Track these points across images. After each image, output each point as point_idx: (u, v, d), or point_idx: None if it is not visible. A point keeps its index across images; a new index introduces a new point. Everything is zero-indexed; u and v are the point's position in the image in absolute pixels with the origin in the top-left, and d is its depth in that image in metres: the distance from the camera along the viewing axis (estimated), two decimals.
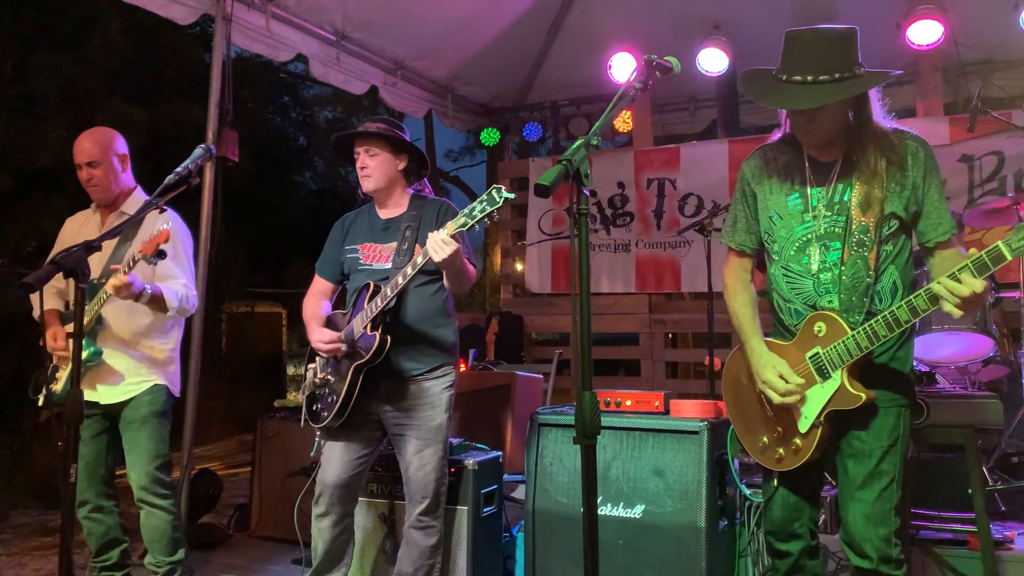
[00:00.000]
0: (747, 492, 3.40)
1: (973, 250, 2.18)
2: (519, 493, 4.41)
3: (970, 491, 3.23)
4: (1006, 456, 4.25)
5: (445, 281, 3.16)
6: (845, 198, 2.47)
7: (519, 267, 8.44)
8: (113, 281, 3.12)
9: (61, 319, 3.58)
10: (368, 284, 3.18)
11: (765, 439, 2.62)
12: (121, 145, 3.62)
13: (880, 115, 2.49)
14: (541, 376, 5.78)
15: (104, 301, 3.31)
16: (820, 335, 2.46)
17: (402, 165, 3.34)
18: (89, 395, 3.32)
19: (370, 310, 3.10)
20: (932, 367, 4.14)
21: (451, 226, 2.82)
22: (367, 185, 3.31)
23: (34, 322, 3.58)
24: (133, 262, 3.13)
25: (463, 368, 6.07)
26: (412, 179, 3.42)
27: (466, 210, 2.82)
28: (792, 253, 2.56)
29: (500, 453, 3.85)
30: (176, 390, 3.65)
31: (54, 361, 3.53)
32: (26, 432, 7.02)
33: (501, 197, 2.71)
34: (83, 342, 3.31)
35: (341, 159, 3.53)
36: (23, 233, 8.17)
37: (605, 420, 2.46)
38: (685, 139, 7.87)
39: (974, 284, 2.13)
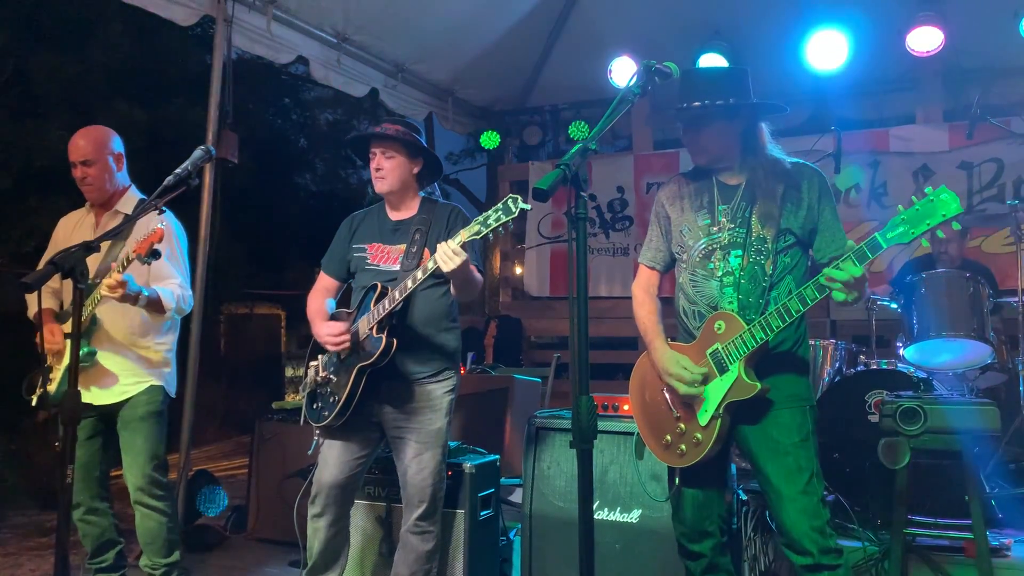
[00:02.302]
0: (658, 499, 3.39)
1: (851, 242, 2.51)
2: (516, 497, 4.41)
3: (967, 498, 3.23)
4: (1004, 463, 4.25)
5: (452, 288, 3.16)
6: (747, 213, 2.74)
7: (518, 270, 8.44)
8: (107, 280, 3.11)
9: (56, 319, 3.58)
10: (375, 285, 3.16)
11: (668, 437, 2.78)
12: (116, 144, 3.60)
13: (775, 148, 2.80)
14: (539, 380, 5.78)
15: (98, 301, 3.30)
16: (719, 332, 2.67)
17: (417, 169, 3.33)
18: (84, 396, 3.31)
19: (376, 312, 3.08)
20: (930, 373, 4.14)
21: (464, 234, 2.81)
22: (380, 187, 3.30)
23: (30, 322, 3.58)
24: (127, 262, 3.12)
25: (462, 371, 6.06)
26: (424, 183, 3.42)
27: (480, 218, 2.80)
28: (699, 260, 2.80)
29: (498, 456, 3.85)
30: (172, 391, 3.64)
31: (48, 361, 3.52)
32: (23, 432, 7.01)
33: (517, 208, 2.70)
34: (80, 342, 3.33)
35: (353, 156, 3.53)
36: (22, 233, 8.16)
37: (603, 424, 2.47)
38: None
39: (852, 270, 2.38)
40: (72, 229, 3.63)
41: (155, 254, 3.01)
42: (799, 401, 2.70)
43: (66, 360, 3.40)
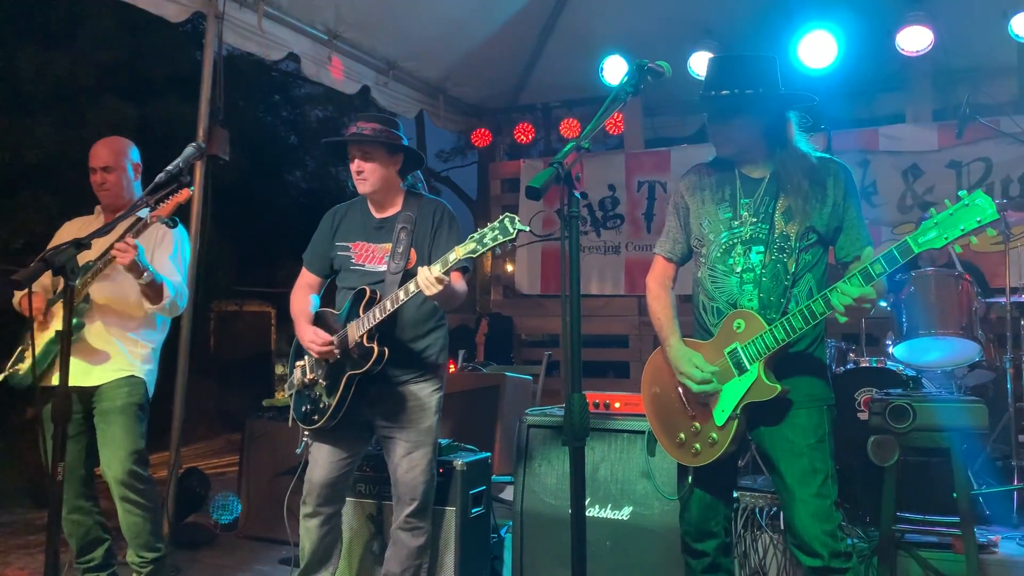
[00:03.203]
0: (668, 496, 3.39)
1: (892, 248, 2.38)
2: (507, 494, 4.42)
3: (955, 495, 3.25)
4: (991, 460, 4.29)
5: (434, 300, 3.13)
6: (770, 209, 2.67)
7: (509, 268, 8.45)
8: (119, 244, 3.12)
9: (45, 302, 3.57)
10: (364, 290, 3.13)
11: (682, 435, 2.72)
12: (135, 154, 3.69)
13: (802, 141, 2.73)
14: (530, 377, 5.79)
15: (98, 272, 3.30)
16: (739, 331, 2.61)
17: (397, 166, 3.29)
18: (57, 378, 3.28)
19: (367, 320, 3.05)
20: (919, 371, 4.17)
21: (460, 251, 2.77)
22: (363, 188, 3.26)
23: (14, 318, 3.56)
24: (144, 227, 3.14)
25: (452, 369, 6.07)
26: (407, 175, 3.39)
27: (476, 235, 2.75)
28: (719, 255, 2.73)
29: (489, 454, 3.85)
30: (150, 389, 3.62)
31: (25, 341, 3.51)
32: (12, 430, 6.97)
33: (515, 229, 2.65)
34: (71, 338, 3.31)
35: (332, 158, 3.53)
36: (11, 230, 8.11)
37: (594, 422, 2.49)
38: (675, 142, 7.89)
39: (880, 276, 2.35)
40: (76, 232, 3.62)
41: (174, 221, 3.02)
42: (817, 401, 2.65)
43: (44, 338, 3.38)
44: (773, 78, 2.68)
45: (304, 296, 3.38)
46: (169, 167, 2.78)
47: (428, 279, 2.81)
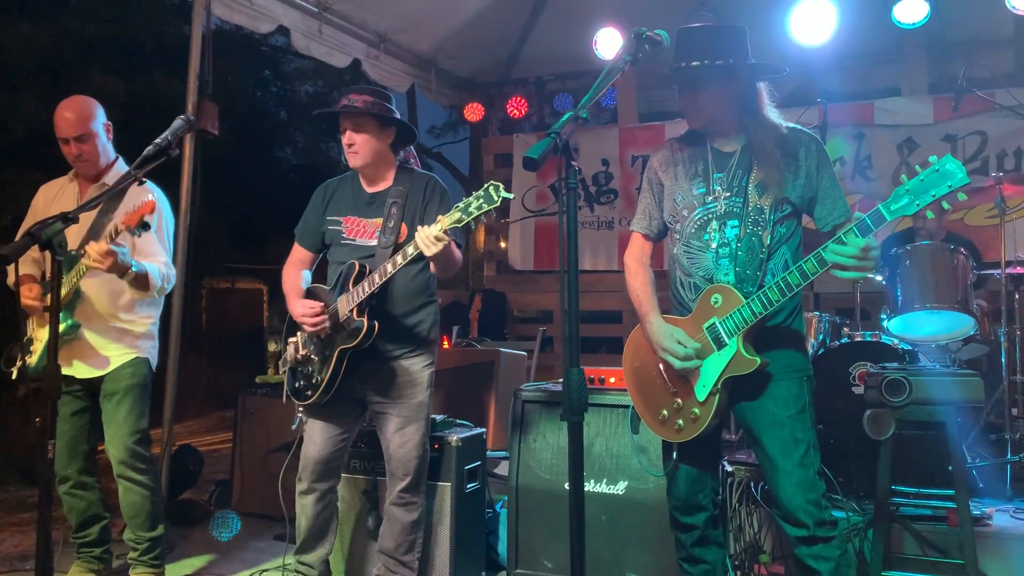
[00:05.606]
0: (653, 472, 3.38)
1: (857, 213, 2.39)
2: (502, 469, 4.42)
3: (950, 468, 3.25)
4: (985, 434, 4.30)
5: (432, 267, 3.13)
6: (743, 182, 2.67)
7: (502, 244, 8.41)
8: (95, 248, 3.06)
9: (36, 282, 3.52)
10: (354, 264, 3.11)
11: (665, 412, 2.73)
12: (103, 113, 3.55)
13: (772, 112, 2.71)
14: (524, 353, 5.78)
15: (83, 273, 3.25)
16: (716, 306, 2.61)
17: (389, 139, 3.27)
18: (66, 370, 3.27)
19: (356, 294, 3.04)
20: (913, 345, 4.16)
21: (445, 220, 2.77)
22: (354, 162, 3.23)
23: (9, 294, 3.52)
24: (116, 232, 3.07)
25: (446, 345, 6.05)
26: (398, 149, 3.37)
27: (461, 205, 2.76)
28: (693, 231, 2.73)
29: (483, 429, 3.84)
30: (153, 364, 3.60)
31: (29, 332, 3.48)
32: (4, 408, 6.94)
33: (499, 197, 2.69)
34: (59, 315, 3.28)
35: (324, 129, 3.49)
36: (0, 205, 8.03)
37: (589, 397, 2.47)
38: (670, 117, 7.84)
39: (857, 242, 2.33)
40: (53, 198, 3.56)
41: (145, 226, 2.98)
42: (796, 372, 2.66)
43: (45, 329, 3.35)
44: (743, 48, 2.66)
45: (296, 272, 3.36)
46: (157, 140, 2.72)
47: (427, 237, 2.80)
